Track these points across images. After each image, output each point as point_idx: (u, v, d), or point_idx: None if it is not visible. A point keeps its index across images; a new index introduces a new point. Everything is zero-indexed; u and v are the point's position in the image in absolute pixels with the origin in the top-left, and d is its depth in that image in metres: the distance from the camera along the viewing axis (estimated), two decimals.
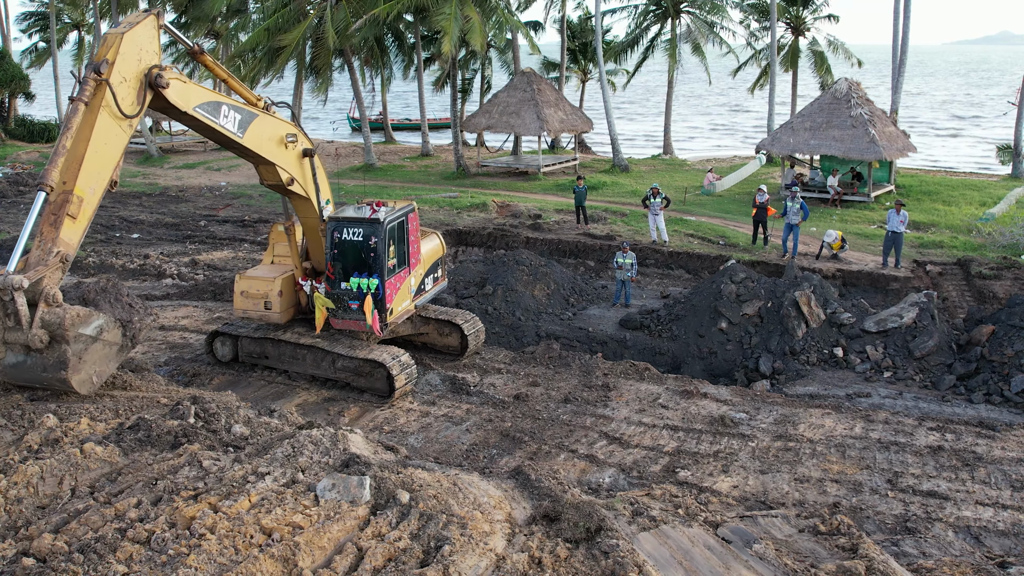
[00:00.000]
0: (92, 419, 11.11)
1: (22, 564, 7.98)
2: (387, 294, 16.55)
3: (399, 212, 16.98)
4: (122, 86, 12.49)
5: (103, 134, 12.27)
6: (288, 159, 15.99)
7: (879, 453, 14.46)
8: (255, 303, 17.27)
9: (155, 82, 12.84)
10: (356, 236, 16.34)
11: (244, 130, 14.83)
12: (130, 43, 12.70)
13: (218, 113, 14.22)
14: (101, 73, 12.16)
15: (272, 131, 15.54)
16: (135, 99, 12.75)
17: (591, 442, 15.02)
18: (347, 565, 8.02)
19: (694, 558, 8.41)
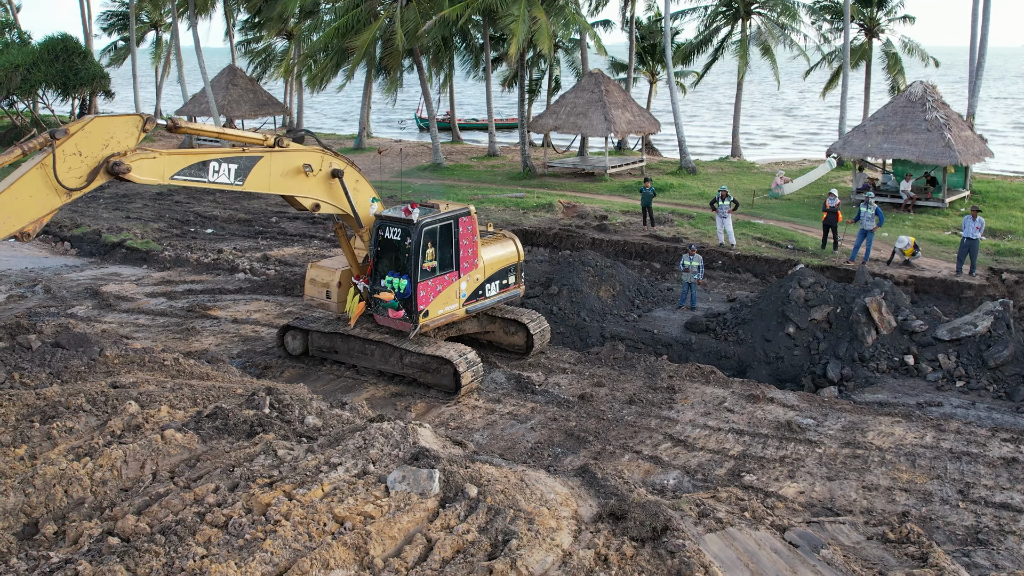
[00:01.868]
0: (171, 407, 11.50)
1: (108, 543, 8.33)
2: (420, 296, 16.70)
3: (445, 215, 17.06)
4: (74, 158, 12.75)
5: (30, 187, 12.45)
6: (308, 187, 16.21)
7: (950, 463, 14.21)
8: (319, 291, 17.83)
9: (112, 169, 13.07)
10: (394, 235, 16.77)
11: (244, 177, 14.99)
12: (101, 127, 13.10)
13: (206, 171, 14.37)
14: (55, 137, 12.52)
15: (283, 166, 15.67)
16: (85, 175, 12.92)
17: (656, 444, 15.03)
18: (417, 555, 8.21)
19: (760, 561, 8.40)
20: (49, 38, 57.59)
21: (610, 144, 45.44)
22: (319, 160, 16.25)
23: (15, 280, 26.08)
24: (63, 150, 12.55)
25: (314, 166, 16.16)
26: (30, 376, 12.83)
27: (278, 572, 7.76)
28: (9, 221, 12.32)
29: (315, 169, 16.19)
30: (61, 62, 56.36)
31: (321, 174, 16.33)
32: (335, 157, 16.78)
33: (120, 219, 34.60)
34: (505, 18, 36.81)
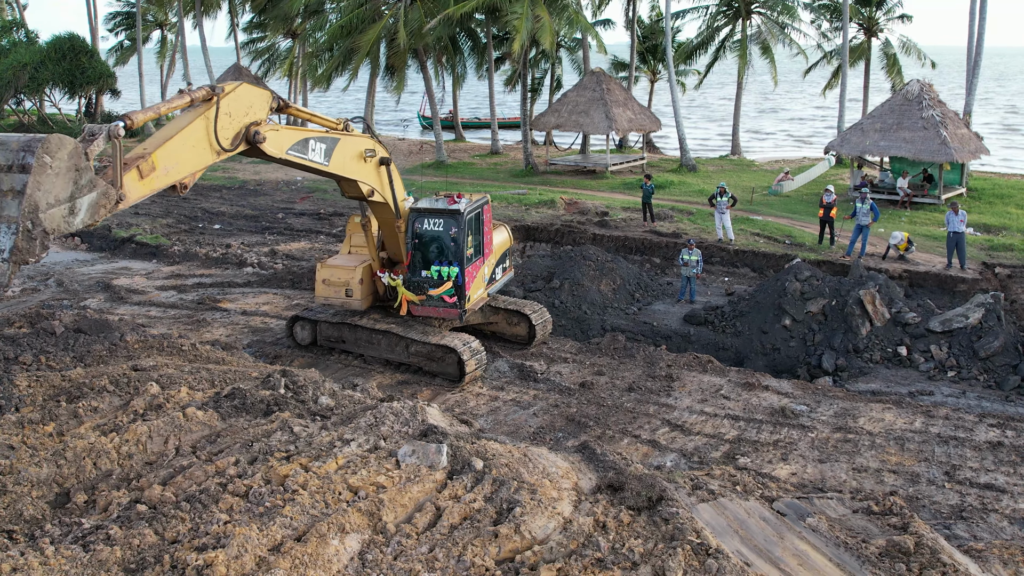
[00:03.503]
0: (191, 388, 12.05)
1: (136, 510, 8.88)
2: (466, 282, 17.36)
3: (476, 204, 17.92)
4: (225, 118, 12.74)
5: (194, 138, 12.37)
6: (368, 172, 16.60)
7: (938, 447, 14.73)
8: (337, 290, 18.08)
9: (252, 138, 13.21)
10: (437, 226, 17.27)
11: (329, 157, 15.33)
12: (247, 93, 13.18)
13: (306, 149, 14.71)
14: (216, 92, 12.48)
15: (352, 150, 16.07)
16: (231, 137, 12.94)
17: (654, 428, 15.56)
18: (427, 522, 8.75)
19: (750, 528, 8.94)
20: (56, 37, 58.23)
21: (611, 142, 45.96)
22: (374, 147, 16.67)
23: (28, 274, 26.61)
24: (222, 107, 12.52)
25: (375, 152, 16.64)
26: (55, 359, 13.38)
27: (297, 535, 8.29)
28: (175, 168, 12.04)
29: (374, 156, 16.66)
30: (68, 61, 57.02)
31: (374, 161, 16.70)
32: (382, 146, 17.23)
33: (129, 215, 35.14)
34: (508, 15, 37.35)
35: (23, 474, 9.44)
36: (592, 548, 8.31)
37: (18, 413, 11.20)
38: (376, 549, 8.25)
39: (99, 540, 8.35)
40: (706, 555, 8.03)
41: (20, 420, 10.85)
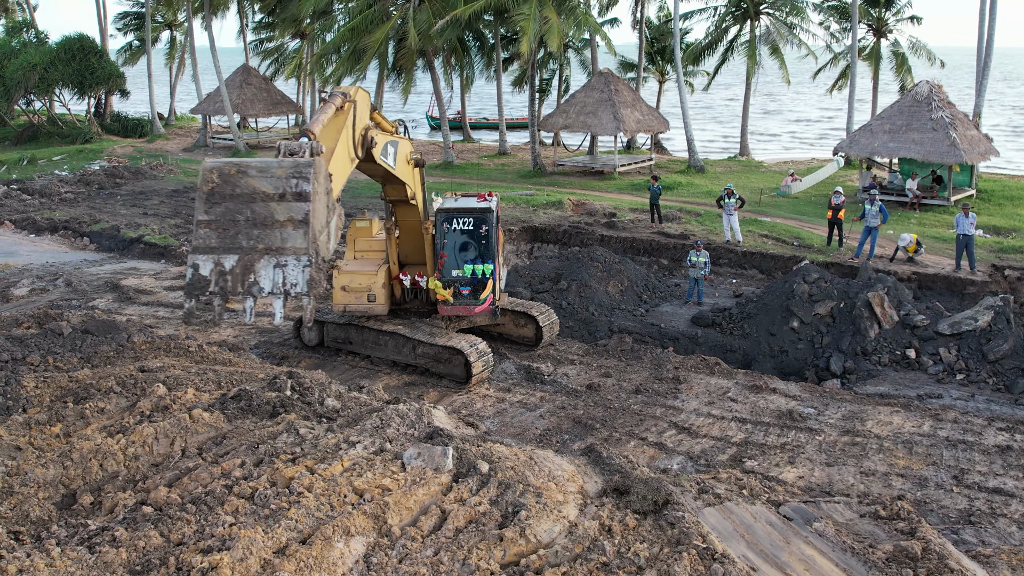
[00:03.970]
0: (197, 389, 12.07)
1: (142, 512, 8.88)
2: (498, 278, 17.85)
3: (496, 201, 18.27)
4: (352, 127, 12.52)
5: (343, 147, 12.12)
6: (413, 176, 16.68)
7: (946, 450, 14.67)
8: (358, 296, 17.68)
9: (369, 143, 13.10)
10: (468, 225, 17.45)
11: (396, 160, 15.34)
12: (364, 98, 12.98)
13: (388, 154, 14.70)
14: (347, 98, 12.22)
15: (405, 152, 16.08)
16: (357, 145, 12.74)
17: (660, 431, 15.53)
18: (432, 524, 8.74)
19: (756, 532, 8.90)
20: (66, 38, 58.45)
21: (619, 143, 45.91)
22: (415, 150, 16.79)
23: (37, 274, 26.72)
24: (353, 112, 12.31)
25: (418, 155, 16.80)
26: (62, 360, 13.42)
27: (302, 538, 8.28)
28: (337, 181, 11.39)
29: (417, 157, 16.78)
30: (78, 61, 57.23)
31: (411, 163, 16.68)
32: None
33: (137, 215, 35.25)
34: (516, 16, 37.34)
35: (30, 475, 9.46)
36: (597, 552, 8.29)
37: (25, 414, 11.23)
38: (381, 552, 8.24)
39: (104, 542, 8.35)
40: (712, 560, 8.00)
41: (27, 421, 10.88)
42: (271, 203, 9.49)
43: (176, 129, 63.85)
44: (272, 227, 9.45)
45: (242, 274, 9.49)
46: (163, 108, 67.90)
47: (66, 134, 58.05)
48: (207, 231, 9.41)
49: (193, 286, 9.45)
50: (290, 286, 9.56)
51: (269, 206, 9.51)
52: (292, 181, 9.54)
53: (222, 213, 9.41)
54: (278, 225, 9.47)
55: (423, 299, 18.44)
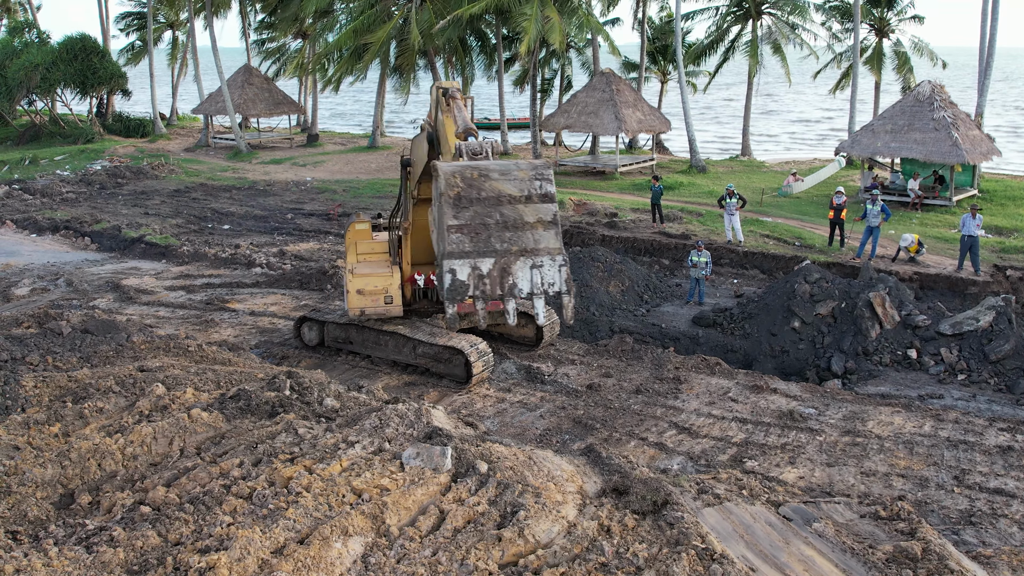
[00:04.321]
0: (196, 389, 12.05)
1: (140, 511, 8.87)
2: None
3: None
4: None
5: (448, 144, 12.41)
6: None
7: (947, 451, 14.62)
8: (375, 299, 17.50)
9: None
10: None
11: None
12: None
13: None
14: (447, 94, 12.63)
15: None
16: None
17: (661, 431, 15.49)
18: (430, 525, 8.71)
19: (755, 533, 8.87)
20: (68, 38, 58.52)
21: (621, 143, 45.88)
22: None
23: (38, 274, 26.73)
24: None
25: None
26: (61, 360, 13.41)
27: (300, 538, 8.27)
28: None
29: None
30: (80, 61, 57.27)
31: None
32: None
33: (139, 215, 35.27)
34: (518, 16, 37.32)
35: (28, 475, 9.46)
36: (596, 553, 8.26)
37: (24, 414, 11.22)
38: (379, 552, 8.22)
39: (102, 542, 8.35)
40: (711, 560, 7.97)
41: (26, 421, 10.88)
42: (518, 205, 9.78)
43: (178, 129, 63.87)
44: (523, 229, 9.75)
45: (500, 277, 9.75)
46: (165, 108, 67.92)
47: (68, 134, 58.09)
48: (459, 236, 9.62)
49: (454, 291, 9.69)
50: (548, 285, 9.93)
51: (517, 208, 9.79)
52: (536, 183, 9.93)
53: (471, 217, 9.62)
54: (528, 227, 9.78)
55: (432, 299, 18.44)
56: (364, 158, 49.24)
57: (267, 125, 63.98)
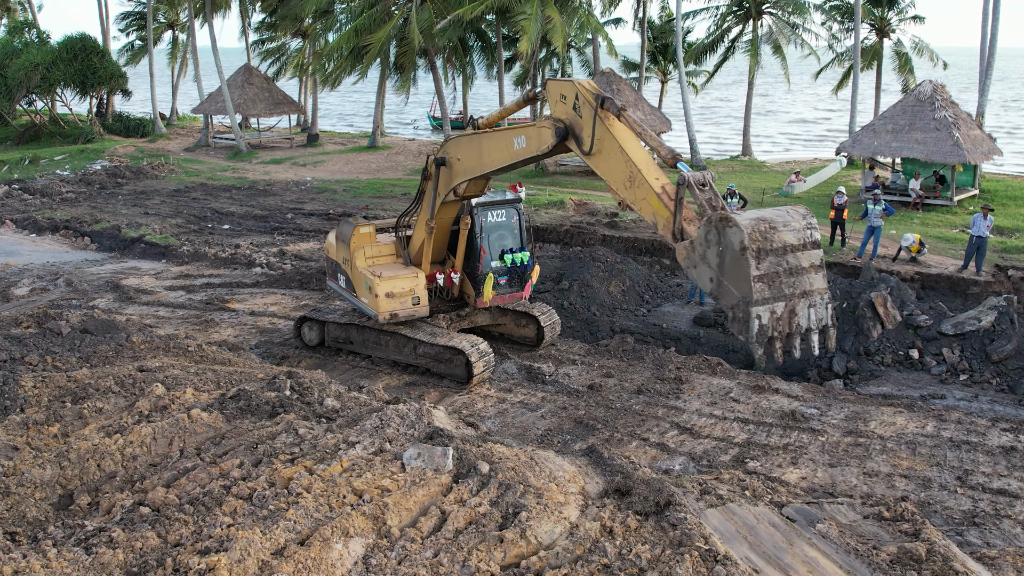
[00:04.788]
0: (196, 389, 11.99)
1: (140, 512, 8.81)
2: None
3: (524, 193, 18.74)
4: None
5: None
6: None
7: (950, 451, 14.56)
8: (403, 301, 17.31)
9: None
10: (501, 217, 17.91)
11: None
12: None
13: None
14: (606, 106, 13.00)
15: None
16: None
17: (662, 431, 15.43)
18: (431, 525, 8.66)
19: (759, 534, 8.82)
20: (68, 38, 58.48)
21: None
22: None
23: (37, 274, 26.68)
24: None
25: None
26: (61, 360, 13.35)
27: (301, 539, 8.21)
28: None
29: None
30: (80, 61, 57.24)
31: None
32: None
33: (139, 215, 35.22)
34: (518, 16, 37.27)
35: (26, 475, 9.40)
36: (599, 554, 8.21)
37: (23, 414, 11.17)
38: (380, 553, 8.16)
39: (101, 543, 8.29)
40: (714, 562, 7.91)
41: (25, 421, 10.82)
42: (797, 252, 11.05)
43: (178, 129, 63.83)
44: (802, 274, 11.04)
45: (788, 317, 11.01)
46: (164, 108, 67.87)
47: (68, 134, 58.08)
48: (762, 285, 10.73)
49: (761, 335, 10.87)
50: (819, 321, 11.25)
51: (796, 255, 11.06)
52: (808, 231, 11.18)
53: (768, 267, 10.76)
54: (804, 271, 11.06)
55: (447, 298, 18.53)
56: (364, 158, 49.20)
57: (267, 125, 63.94)
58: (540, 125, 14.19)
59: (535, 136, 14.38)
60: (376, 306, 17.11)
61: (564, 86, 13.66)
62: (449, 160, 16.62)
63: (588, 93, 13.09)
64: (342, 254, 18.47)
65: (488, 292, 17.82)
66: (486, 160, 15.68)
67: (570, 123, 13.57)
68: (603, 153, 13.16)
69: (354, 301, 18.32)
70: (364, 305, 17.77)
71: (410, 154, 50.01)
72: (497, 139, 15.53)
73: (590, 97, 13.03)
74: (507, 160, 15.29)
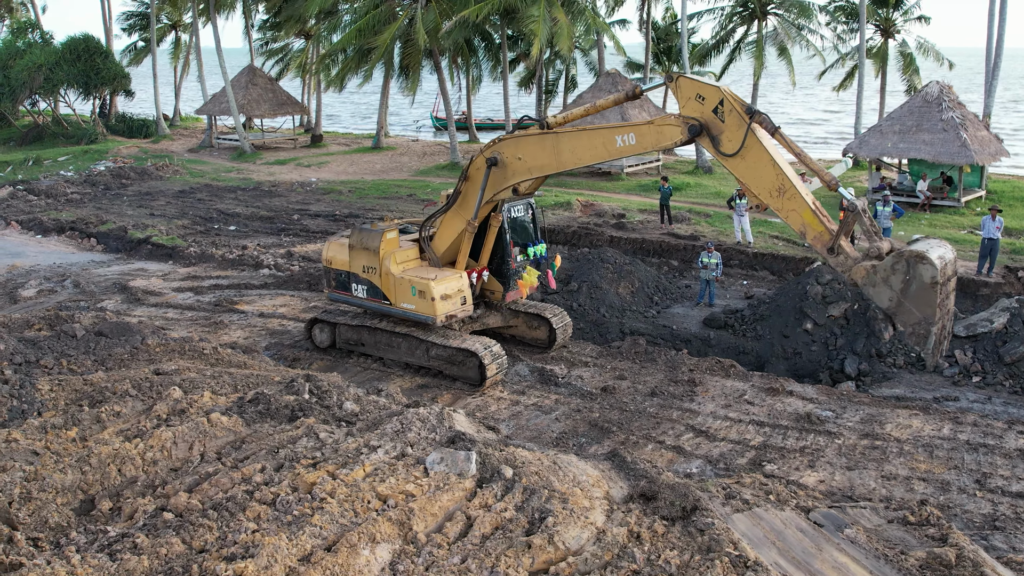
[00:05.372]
0: (213, 392, 11.92)
1: (163, 518, 8.74)
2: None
3: None
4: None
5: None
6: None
7: (967, 454, 14.50)
8: (454, 302, 17.45)
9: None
10: (519, 213, 18.41)
11: None
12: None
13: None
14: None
15: None
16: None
17: (678, 434, 15.37)
18: (457, 531, 8.59)
19: (787, 539, 8.75)
20: (71, 38, 58.40)
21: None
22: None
23: (44, 275, 26.61)
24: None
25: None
26: (76, 363, 13.28)
27: (327, 545, 8.15)
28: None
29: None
30: (83, 62, 57.17)
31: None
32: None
33: (144, 216, 35.16)
34: (526, 19, 37.19)
35: (47, 480, 9.33)
36: (627, 560, 8.14)
37: (40, 418, 11.10)
38: (407, 559, 8.10)
39: (125, 549, 8.22)
40: (744, 568, 7.85)
41: (43, 425, 10.75)
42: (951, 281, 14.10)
43: (180, 130, 63.76)
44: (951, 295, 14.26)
45: (942, 329, 13.85)
46: (167, 109, 67.79)
47: (71, 135, 58.00)
48: (939, 310, 13.56)
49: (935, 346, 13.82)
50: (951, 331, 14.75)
51: (950, 283, 14.02)
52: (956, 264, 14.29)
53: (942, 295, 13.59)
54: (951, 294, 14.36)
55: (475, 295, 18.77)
56: (368, 159, 49.13)
57: (270, 126, 63.88)
58: (664, 123, 15.00)
59: (652, 133, 15.23)
60: (433, 310, 17.08)
61: (705, 89, 14.44)
62: (503, 159, 16.92)
63: (737, 103, 14.10)
64: (362, 262, 18.09)
65: (532, 279, 18.38)
66: (568, 158, 16.41)
67: (707, 123, 14.44)
68: (747, 160, 14.32)
69: (388, 309, 18.00)
70: (409, 311, 17.60)
71: (414, 155, 49.94)
72: (592, 137, 16.18)
73: (740, 107, 14.00)
74: (602, 157, 16.25)
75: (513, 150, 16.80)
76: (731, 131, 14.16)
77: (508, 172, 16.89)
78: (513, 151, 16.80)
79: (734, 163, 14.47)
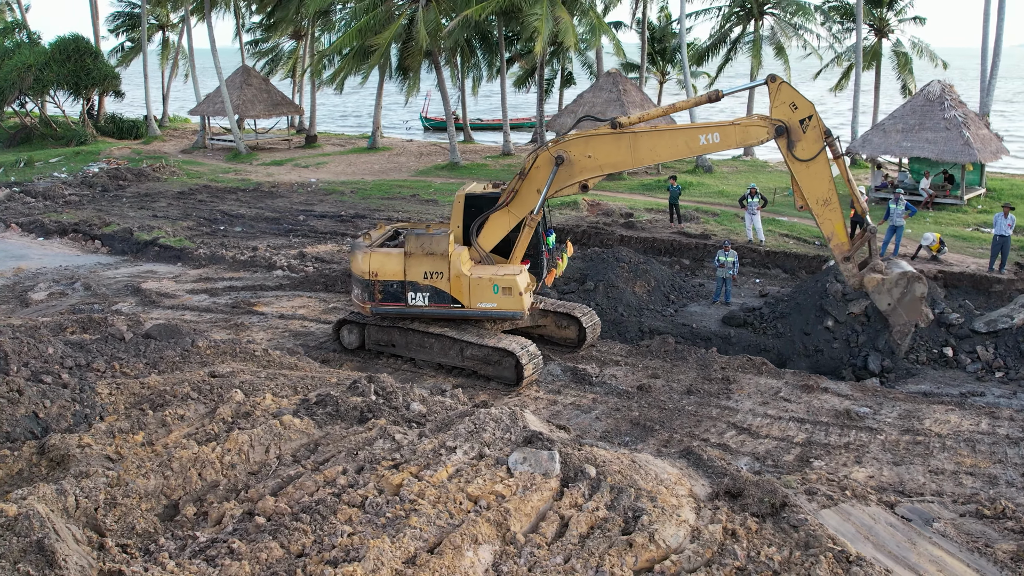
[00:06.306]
0: (274, 395, 11.85)
1: (255, 522, 8.67)
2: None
3: None
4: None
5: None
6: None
7: (1009, 448, 14.66)
8: (530, 295, 18.35)
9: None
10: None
11: None
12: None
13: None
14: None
15: None
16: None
17: (720, 432, 15.44)
18: (553, 531, 8.60)
19: (879, 534, 8.82)
20: (60, 39, 57.71)
21: None
22: None
23: (52, 278, 26.32)
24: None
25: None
26: (128, 366, 13.15)
27: (429, 547, 8.12)
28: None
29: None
30: (72, 62, 56.51)
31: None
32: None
33: (147, 218, 34.85)
34: (529, 17, 37.19)
35: (131, 486, 9.22)
36: (729, 557, 8.17)
37: (103, 422, 10.98)
38: (509, 560, 8.09)
39: (223, 554, 8.15)
40: (848, 563, 7.90)
41: (110, 429, 10.64)
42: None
43: (171, 130, 63.21)
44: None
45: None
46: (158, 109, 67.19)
47: (60, 136, 57.35)
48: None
49: (911, 340, 18.81)
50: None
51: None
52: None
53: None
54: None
55: None
56: (365, 159, 48.94)
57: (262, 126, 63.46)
58: (751, 124, 17.21)
59: (737, 133, 17.21)
60: (520, 304, 17.57)
61: (801, 100, 16.82)
62: (571, 158, 17.69)
63: (820, 123, 16.80)
64: (423, 268, 17.63)
65: (563, 266, 19.70)
66: (646, 155, 17.62)
67: (791, 128, 16.80)
68: (811, 170, 17.08)
69: (459, 312, 17.83)
70: (489, 310, 17.67)
71: (411, 155, 49.80)
72: (675, 136, 17.73)
73: (823, 126, 16.79)
74: (682, 154, 18.10)
75: (582, 148, 17.61)
76: (808, 143, 16.78)
77: (575, 169, 17.75)
78: (582, 149, 17.61)
79: (800, 167, 17.04)
